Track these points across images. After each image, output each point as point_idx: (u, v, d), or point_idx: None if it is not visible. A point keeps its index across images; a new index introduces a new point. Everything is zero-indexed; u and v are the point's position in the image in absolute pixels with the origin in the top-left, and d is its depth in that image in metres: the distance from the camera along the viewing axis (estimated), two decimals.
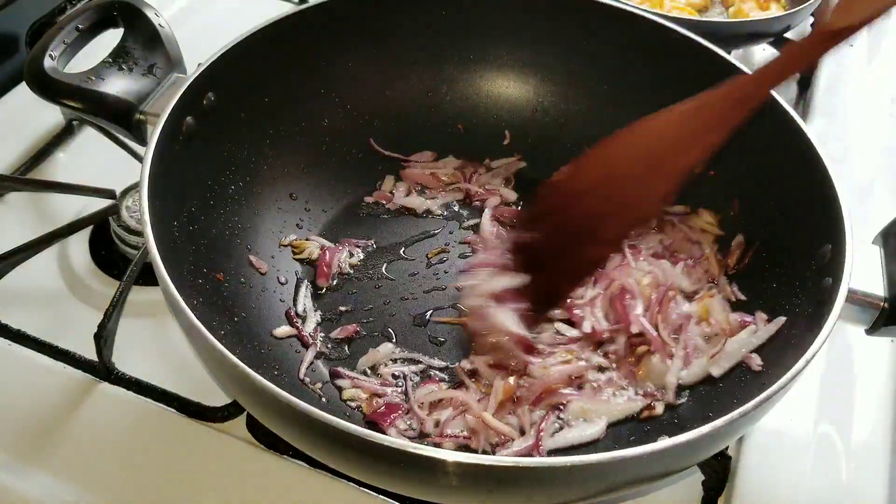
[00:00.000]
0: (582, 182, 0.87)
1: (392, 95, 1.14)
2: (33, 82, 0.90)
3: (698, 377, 0.90)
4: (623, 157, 0.85)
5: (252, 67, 0.99)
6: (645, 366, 0.91)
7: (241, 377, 0.66)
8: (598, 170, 0.86)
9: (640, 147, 0.84)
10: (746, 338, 0.89)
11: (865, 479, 0.89)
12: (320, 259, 1.01)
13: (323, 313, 0.98)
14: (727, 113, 0.78)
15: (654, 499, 0.88)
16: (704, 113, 0.80)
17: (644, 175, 0.82)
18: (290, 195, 1.06)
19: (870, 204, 1.17)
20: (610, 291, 0.96)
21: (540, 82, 1.16)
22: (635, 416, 0.88)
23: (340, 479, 0.86)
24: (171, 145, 0.86)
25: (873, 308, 0.81)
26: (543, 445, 0.83)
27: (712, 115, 0.79)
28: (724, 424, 0.65)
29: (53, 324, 0.99)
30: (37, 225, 1.10)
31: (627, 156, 0.84)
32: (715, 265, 1.00)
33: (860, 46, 1.45)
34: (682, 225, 1.05)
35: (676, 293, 0.96)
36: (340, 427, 0.62)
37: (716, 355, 0.89)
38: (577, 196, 0.87)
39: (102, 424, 0.90)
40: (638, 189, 0.83)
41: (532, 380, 0.89)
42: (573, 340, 0.94)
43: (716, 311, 0.94)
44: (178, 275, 0.81)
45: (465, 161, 1.16)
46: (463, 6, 1.11)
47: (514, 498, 0.68)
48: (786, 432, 0.92)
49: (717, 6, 1.51)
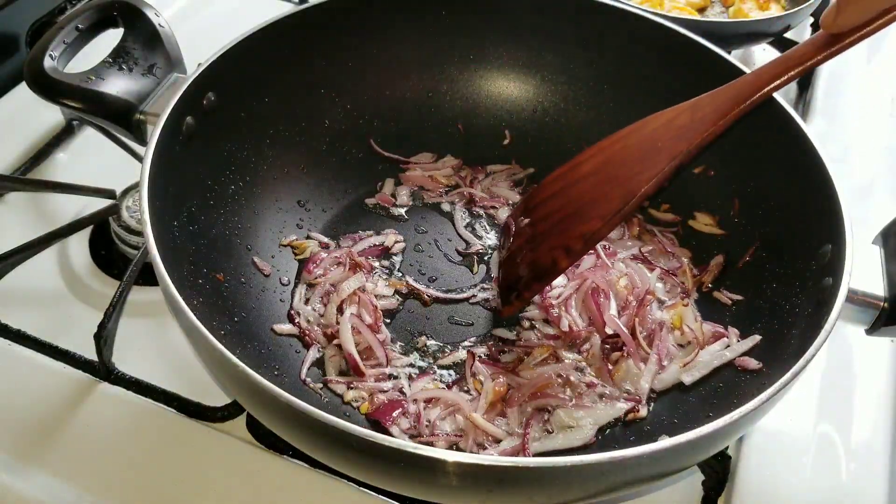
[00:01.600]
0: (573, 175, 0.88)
1: (392, 95, 1.15)
2: (33, 82, 0.90)
3: (669, 384, 0.90)
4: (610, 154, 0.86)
5: (252, 67, 0.99)
6: (620, 368, 0.91)
7: (241, 377, 0.66)
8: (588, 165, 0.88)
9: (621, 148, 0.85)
10: (720, 350, 0.91)
11: (865, 479, 0.89)
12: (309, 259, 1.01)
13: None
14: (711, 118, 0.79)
15: (654, 499, 0.88)
16: (688, 117, 0.81)
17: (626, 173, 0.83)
18: (290, 195, 1.06)
19: (870, 204, 1.17)
20: (582, 290, 0.97)
21: (540, 82, 1.16)
22: (621, 419, 0.88)
23: (340, 479, 0.86)
24: (171, 145, 0.87)
25: (873, 308, 0.81)
26: (530, 447, 0.83)
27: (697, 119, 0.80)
28: (724, 424, 0.65)
29: (53, 324, 0.99)
30: (37, 225, 1.10)
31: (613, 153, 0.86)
32: (690, 279, 1.01)
33: (860, 46, 1.45)
34: (661, 236, 1.06)
35: (654, 297, 0.97)
36: (340, 427, 0.62)
37: (688, 364, 0.90)
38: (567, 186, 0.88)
39: (102, 424, 0.90)
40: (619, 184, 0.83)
41: (521, 381, 0.89)
42: (552, 338, 0.95)
43: (688, 320, 0.94)
44: (178, 275, 0.81)
45: (463, 163, 1.16)
46: (463, 6, 1.11)
47: (514, 498, 0.68)
48: (786, 432, 0.92)
49: (717, 6, 1.51)
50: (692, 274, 1.02)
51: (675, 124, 0.82)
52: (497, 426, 0.86)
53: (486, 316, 0.99)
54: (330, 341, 0.93)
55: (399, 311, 0.99)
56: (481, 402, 0.87)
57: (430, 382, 0.91)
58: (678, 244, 1.06)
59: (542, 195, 0.93)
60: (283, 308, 0.97)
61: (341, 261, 1.01)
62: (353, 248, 1.03)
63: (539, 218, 0.91)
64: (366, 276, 1.00)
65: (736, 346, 0.90)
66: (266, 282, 0.98)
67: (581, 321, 0.96)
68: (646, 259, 1.03)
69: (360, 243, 1.04)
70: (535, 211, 0.93)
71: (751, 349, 0.89)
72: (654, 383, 0.90)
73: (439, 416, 0.87)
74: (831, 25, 0.73)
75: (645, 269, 1.01)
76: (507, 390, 0.88)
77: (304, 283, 0.99)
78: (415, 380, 0.91)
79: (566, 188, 0.89)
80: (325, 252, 1.02)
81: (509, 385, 0.89)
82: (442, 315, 0.99)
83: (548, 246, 0.87)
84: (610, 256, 1.02)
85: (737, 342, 0.91)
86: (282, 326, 0.95)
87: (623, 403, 0.89)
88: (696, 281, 1.01)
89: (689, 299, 0.98)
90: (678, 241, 1.06)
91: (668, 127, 0.82)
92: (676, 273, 1.01)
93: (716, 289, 0.99)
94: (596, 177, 0.86)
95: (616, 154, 0.86)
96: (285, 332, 0.94)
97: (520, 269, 0.91)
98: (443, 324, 0.98)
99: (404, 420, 0.86)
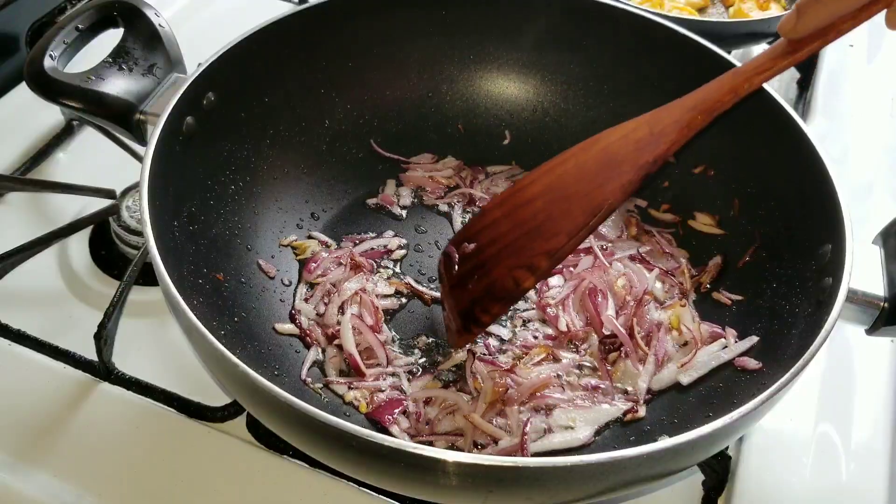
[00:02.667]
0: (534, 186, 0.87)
1: (392, 95, 1.15)
2: (33, 82, 0.90)
3: (667, 384, 0.90)
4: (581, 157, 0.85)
5: (252, 67, 0.99)
6: (619, 368, 0.91)
7: (241, 377, 0.66)
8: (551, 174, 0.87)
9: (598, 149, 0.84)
10: (717, 350, 0.91)
11: (865, 479, 0.89)
12: (309, 259, 1.01)
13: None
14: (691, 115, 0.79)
15: (654, 499, 0.88)
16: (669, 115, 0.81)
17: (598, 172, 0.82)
18: (290, 195, 1.06)
19: (870, 204, 1.17)
20: (580, 290, 0.97)
21: (540, 82, 1.16)
22: (620, 419, 0.88)
23: (340, 479, 0.86)
24: (171, 145, 0.87)
25: (873, 308, 0.81)
26: (528, 447, 0.84)
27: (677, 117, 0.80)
28: (723, 425, 0.65)
29: (53, 324, 0.99)
30: (37, 225, 1.10)
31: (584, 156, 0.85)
32: (688, 280, 1.01)
33: (860, 46, 1.45)
34: (659, 237, 1.06)
35: (651, 297, 0.97)
36: (340, 427, 0.62)
37: (686, 364, 0.90)
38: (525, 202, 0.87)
39: (102, 424, 0.90)
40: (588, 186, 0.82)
41: (520, 380, 0.89)
42: (550, 338, 0.95)
43: (686, 320, 0.94)
44: (178, 275, 0.81)
45: (463, 163, 1.16)
46: (463, 6, 1.11)
47: (514, 498, 0.68)
48: (786, 432, 0.92)
49: (717, 6, 1.51)
50: (690, 274, 1.02)
51: (632, 137, 0.81)
52: (496, 426, 0.86)
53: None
54: (330, 342, 0.93)
55: (400, 311, 0.99)
56: (480, 402, 0.87)
57: (429, 382, 0.91)
58: (677, 245, 1.06)
59: (486, 220, 0.90)
60: (284, 308, 0.97)
61: (342, 261, 1.01)
62: (354, 248, 1.03)
63: (487, 242, 0.88)
64: (367, 276, 1.00)
65: (734, 347, 0.90)
66: (266, 282, 0.98)
67: (579, 321, 0.96)
68: (644, 259, 1.03)
69: (361, 244, 1.04)
70: (481, 235, 0.89)
71: (750, 349, 0.89)
72: (652, 383, 0.90)
73: (438, 415, 0.87)
74: (791, 31, 0.73)
75: (643, 269, 1.01)
76: (506, 390, 0.88)
77: (305, 282, 0.99)
78: (414, 379, 0.91)
79: (514, 210, 0.87)
80: (325, 252, 1.02)
81: (508, 385, 0.89)
82: (442, 315, 0.98)
83: (505, 267, 0.85)
84: (608, 257, 1.02)
85: (735, 343, 0.91)
86: (283, 325, 0.95)
87: (622, 404, 0.89)
88: (694, 281, 1.01)
89: (686, 300, 0.98)
90: (678, 242, 1.06)
91: (625, 140, 0.81)
92: (675, 273, 1.01)
93: (715, 289, 0.99)
94: (549, 195, 0.84)
95: (568, 172, 0.84)
96: (287, 332, 0.94)
97: (473, 294, 0.88)
98: (443, 324, 0.98)
99: (404, 419, 0.86)
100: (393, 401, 0.88)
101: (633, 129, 0.82)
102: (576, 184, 0.83)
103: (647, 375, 0.90)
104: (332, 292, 0.97)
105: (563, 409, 0.87)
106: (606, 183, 0.80)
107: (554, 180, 0.85)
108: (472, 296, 0.87)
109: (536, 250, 0.82)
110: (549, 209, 0.83)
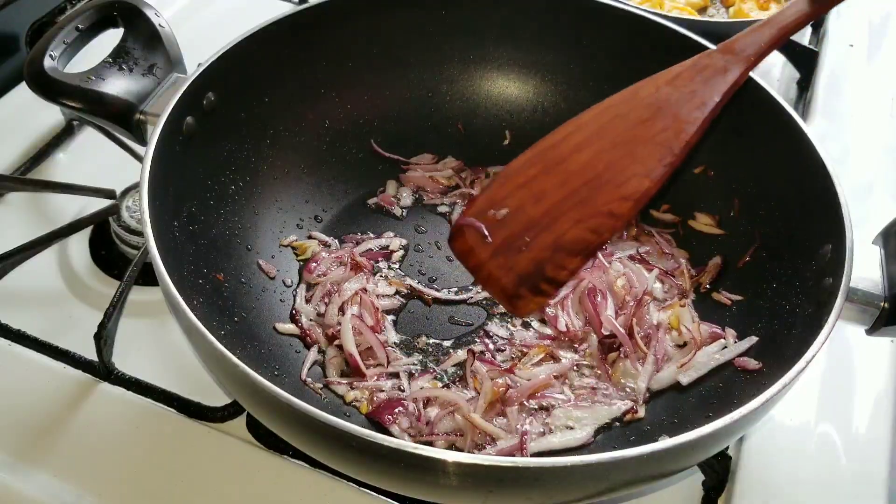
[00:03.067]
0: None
1: (392, 95, 1.14)
2: (33, 82, 0.90)
3: (666, 385, 0.90)
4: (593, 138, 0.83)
5: (252, 67, 0.99)
6: (618, 368, 0.91)
7: (241, 377, 0.66)
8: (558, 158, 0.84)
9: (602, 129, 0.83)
10: (716, 351, 0.90)
11: (865, 479, 0.89)
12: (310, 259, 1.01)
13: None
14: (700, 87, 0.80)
15: (654, 499, 0.88)
16: (676, 87, 0.80)
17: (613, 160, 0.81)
18: (290, 195, 1.06)
19: (870, 204, 1.17)
20: (579, 290, 0.97)
21: (540, 82, 1.16)
22: (619, 419, 0.88)
23: (340, 479, 0.86)
24: (171, 145, 0.87)
25: (873, 308, 0.81)
26: (528, 447, 0.83)
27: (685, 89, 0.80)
28: (723, 425, 0.65)
29: (53, 324, 0.99)
30: (37, 225, 1.10)
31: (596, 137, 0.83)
32: (687, 280, 1.01)
33: (860, 46, 1.45)
34: (659, 237, 1.06)
35: (651, 298, 0.97)
36: (340, 427, 0.62)
37: (685, 364, 0.90)
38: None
39: (102, 424, 0.90)
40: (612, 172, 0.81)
41: (519, 380, 0.89)
42: (549, 338, 0.95)
43: (686, 320, 0.94)
44: (178, 275, 0.81)
45: (464, 164, 1.16)
46: (463, 6, 1.11)
47: (513, 498, 0.68)
48: (786, 432, 0.92)
49: (717, 6, 1.51)
50: (690, 275, 1.01)
51: (680, 81, 0.81)
52: (496, 426, 0.86)
53: (485, 316, 0.99)
54: (331, 342, 0.93)
55: (400, 311, 0.99)
56: (480, 402, 0.87)
57: (429, 381, 0.91)
58: (676, 245, 1.06)
59: (516, 181, 0.84)
60: (284, 308, 0.97)
61: (342, 260, 1.01)
62: (355, 248, 1.03)
63: (527, 202, 0.82)
64: (367, 276, 1.00)
65: (733, 347, 0.90)
66: (266, 282, 0.98)
67: (578, 321, 0.96)
68: (643, 260, 1.03)
69: (362, 245, 1.04)
70: (511, 199, 0.83)
71: (750, 349, 0.89)
72: (652, 384, 0.90)
73: (438, 415, 0.87)
74: None
75: (643, 269, 1.01)
76: (505, 390, 0.88)
77: (305, 283, 0.99)
78: (414, 379, 0.91)
79: (555, 166, 0.83)
80: (326, 252, 1.02)
81: (508, 385, 0.89)
82: (442, 315, 0.99)
83: (569, 220, 0.80)
84: (607, 257, 1.02)
85: (734, 343, 0.91)
86: (284, 325, 0.95)
87: (621, 403, 0.89)
88: (693, 281, 1.01)
89: (686, 300, 0.98)
90: (677, 242, 1.06)
91: (674, 86, 0.81)
92: (674, 274, 1.01)
93: (715, 289, 0.99)
94: (597, 146, 0.81)
95: (615, 120, 0.82)
96: (287, 332, 0.94)
97: (535, 254, 0.81)
98: (443, 324, 0.98)
99: (404, 419, 0.86)
100: (393, 401, 0.88)
101: (678, 74, 0.82)
102: (632, 129, 0.81)
103: (646, 375, 0.90)
104: (333, 292, 0.97)
105: (563, 409, 0.87)
106: (672, 126, 0.80)
107: (599, 129, 0.83)
108: (535, 256, 0.81)
109: (608, 197, 0.80)
110: (606, 157, 0.81)
